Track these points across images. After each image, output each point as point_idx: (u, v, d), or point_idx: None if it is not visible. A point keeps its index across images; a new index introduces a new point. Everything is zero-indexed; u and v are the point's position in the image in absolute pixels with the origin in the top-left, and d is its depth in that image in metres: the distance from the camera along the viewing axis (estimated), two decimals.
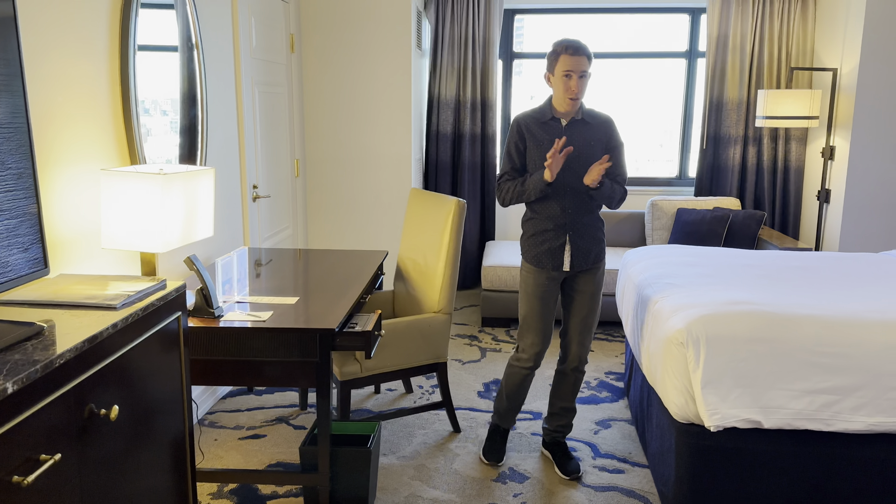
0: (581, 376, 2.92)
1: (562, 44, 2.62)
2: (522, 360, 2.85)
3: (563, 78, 2.62)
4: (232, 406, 3.45)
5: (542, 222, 2.74)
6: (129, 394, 1.58)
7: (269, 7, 4.08)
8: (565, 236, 2.72)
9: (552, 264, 2.74)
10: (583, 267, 2.76)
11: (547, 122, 2.71)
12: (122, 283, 1.77)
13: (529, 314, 2.80)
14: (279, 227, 4.34)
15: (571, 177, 2.68)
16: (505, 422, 2.99)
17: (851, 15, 4.55)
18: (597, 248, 2.77)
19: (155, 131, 2.76)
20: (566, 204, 2.70)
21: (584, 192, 2.69)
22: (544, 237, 2.74)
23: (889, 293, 2.76)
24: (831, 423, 2.31)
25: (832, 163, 4.79)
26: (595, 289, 2.80)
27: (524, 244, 2.82)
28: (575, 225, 2.72)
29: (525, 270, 2.81)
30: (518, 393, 2.91)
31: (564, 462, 2.88)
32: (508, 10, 5.45)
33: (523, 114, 2.77)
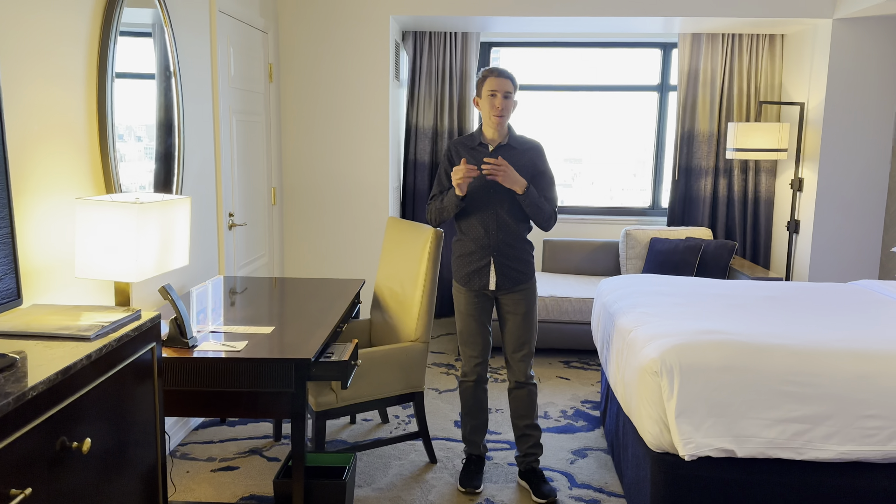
0: (533, 388, 2.97)
1: (488, 68, 2.80)
2: (466, 374, 2.99)
3: (489, 97, 2.76)
4: (204, 437, 3.40)
5: (468, 244, 2.87)
6: (101, 426, 1.55)
7: (248, 37, 4.11)
8: (490, 257, 2.83)
9: (478, 284, 2.86)
10: (508, 287, 2.86)
11: (475, 147, 2.85)
12: (95, 313, 1.76)
13: (464, 331, 2.94)
14: (255, 256, 4.32)
15: (496, 200, 2.79)
16: (473, 447, 3.05)
17: (817, 51, 4.70)
18: (522, 269, 2.86)
19: (129, 157, 2.75)
20: (490, 226, 2.81)
21: (510, 213, 2.80)
22: (470, 258, 2.87)
23: (858, 323, 2.82)
24: (803, 451, 2.34)
25: (801, 194, 4.90)
26: (526, 309, 2.89)
27: (453, 264, 2.95)
28: (499, 246, 2.82)
29: (455, 290, 2.96)
30: (474, 408, 3.01)
31: (539, 486, 2.90)
32: (485, 42, 5.55)
33: (456, 139, 2.92)
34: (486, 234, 2.82)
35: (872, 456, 2.35)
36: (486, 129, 2.83)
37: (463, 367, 3.00)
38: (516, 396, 2.99)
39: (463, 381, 3.01)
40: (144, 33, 2.87)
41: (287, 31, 4.71)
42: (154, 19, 2.93)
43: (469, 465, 3.03)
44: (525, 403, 2.97)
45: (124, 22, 2.66)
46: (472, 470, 3.00)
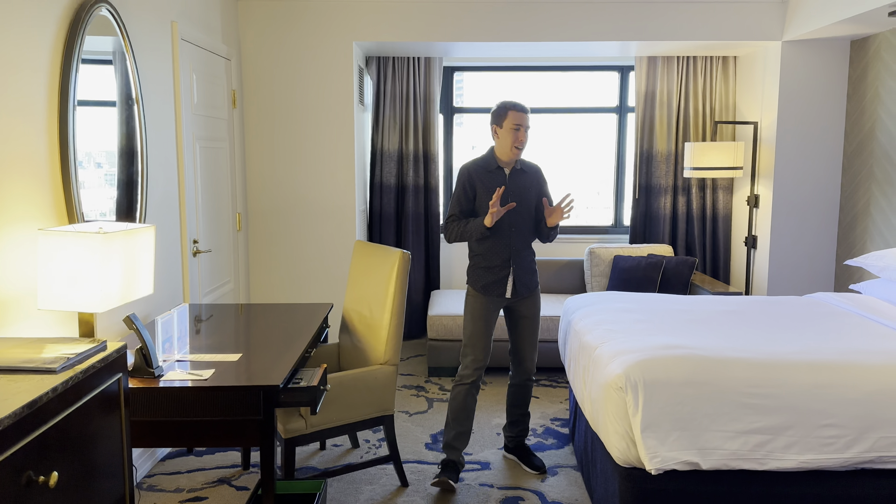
0: (532, 384, 3.38)
1: (510, 102, 3.12)
2: (465, 375, 3.19)
3: (513, 130, 3.09)
4: (171, 468, 3.34)
5: (490, 256, 3.17)
6: (68, 459, 1.53)
7: (211, 64, 4.12)
8: (510, 268, 3.17)
9: (497, 292, 3.18)
10: (523, 294, 3.22)
11: (493, 171, 3.16)
12: (60, 345, 1.74)
13: (474, 334, 3.19)
14: (220, 282, 4.29)
15: (515, 218, 3.14)
16: (453, 453, 3.19)
17: (768, 72, 4.87)
18: (533, 278, 3.26)
19: (89, 184, 2.72)
20: (511, 241, 3.15)
21: (525, 232, 3.18)
22: (492, 270, 3.17)
23: (814, 335, 2.91)
24: (765, 462, 2.40)
25: (757, 210, 5.04)
26: (535, 312, 3.28)
27: (472, 274, 3.23)
28: (517, 259, 3.18)
29: (471, 296, 3.22)
30: (462, 413, 3.19)
31: (531, 459, 3.33)
32: (448, 67, 5.63)
33: (471, 163, 3.20)
34: (508, 248, 3.15)
35: (832, 464, 2.42)
36: (501, 155, 3.15)
37: (463, 369, 3.20)
38: (519, 391, 3.36)
39: (458, 384, 3.20)
40: (105, 61, 2.87)
41: (250, 58, 4.72)
42: (115, 47, 2.93)
43: (446, 468, 3.16)
44: (525, 396, 3.37)
45: (85, 50, 2.65)
46: (447, 471, 3.15)
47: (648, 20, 4.69)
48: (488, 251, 3.15)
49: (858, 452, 2.41)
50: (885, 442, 2.41)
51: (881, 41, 4.36)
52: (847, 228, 4.75)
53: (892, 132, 4.25)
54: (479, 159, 3.20)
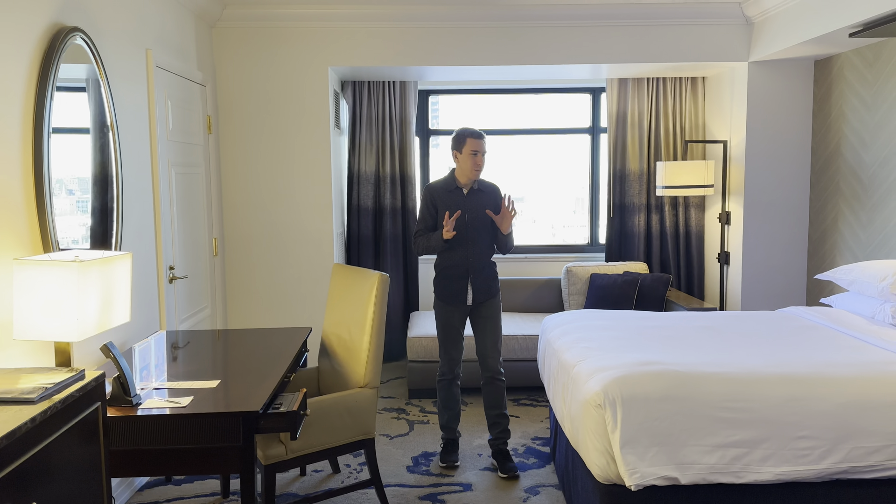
0: (502, 384, 3.61)
1: (468, 130, 3.48)
2: (444, 373, 3.63)
3: (471, 156, 3.44)
4: (149, 498, 3.29)
5: (450, 268, 3.52)
6: (46, 489, 1.52)
7: (186, 90, 4.13)
8: (468, 278, 3.51)
9: (458, 299, 3.53)
10: (481, 300, 3.55)
11: (452, 190, 3.52)
12: (38, 374, 1.73)
13: (446, 339, 3.59)
14: (197, 308, 4.26)
15: (472, 232, 3.48)
16: (450, 433, 3.68)
17: (735, 93, 4.99)
18: (492, 286, 3.58)
19: (61, 211, 2.70)
20: (468, 253, 3.50)
21: (482, 244, 3.51)
22: (452, 279, 3.52)
23: (786, 348, 2.97)
24: (742, 475, 2.44)
25: (729, 227, 5.14)
26: (493, 313, 3.58)
27: (437, 284, 3.58)
28: (474, 268, 3.51)
29: (437, 306, 3.60)
30: (450, 400, 3.65)
31: (504, 463, 3.51)
32: (423, 90, 5.68)
33: (434, 184, 3.58)
34: (464, 259, 3.49)
35: (807, 475, 2.46)
36: (461, 177, 3.51)
37: (442, 367, 3.63)
38: (489, 390, 3.61)
39: (441, 379, 3.64)
40: (80, 88, 2.87)
41: (225, 84, 4.73)
42: (90, 74, 2.93)
43: (447, 446, 3.65)
44: (496, 395, 3.60)
45: (60, 77, 2.65)
46: (450, 449, 3.64)
47: (618, 44, 4.80)
48: (449, 264, 3.52)
49: (833, 463, 2.45)
50: (859, 452, 2.46)
51: (843, 61, 4.50)
52: (817, 243, 4.86)
53: (857, 149, 4.37)
54: (440, 180, 3.57)
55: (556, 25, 4.76)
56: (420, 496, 3.28)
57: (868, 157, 4.27)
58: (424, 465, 3.63)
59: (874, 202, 4.21)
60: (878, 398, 2.49)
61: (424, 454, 3.77)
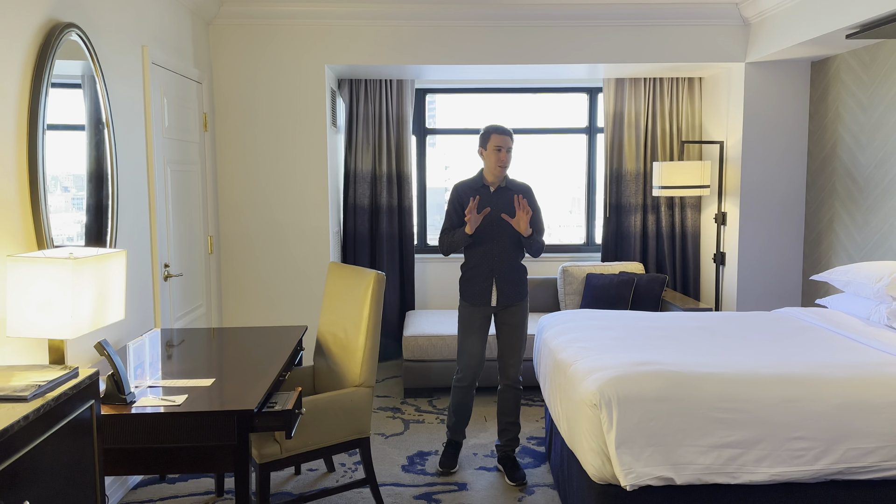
0: (519, 393, 3.51)
1: (493, 126, 3.40)
2: (461, 379, 3.49)
3: (495, 151, 3.36)
4: (143, 496, 3.28)
5: (474, 268, 3.42)
6: (40, 487, 1.51)
7: (182, 88, 4.11)
8: (492, 278, 3.39)
9: (482, 300, 3.41)
10: (506, 303, 3.42)
11: (479, 189, 3.43)
12: (31, 372, 1.72)
13: (465, 341, 3.46)
14: (192, 306, 4.25)
15: (497, 232, 3.37)
16: (456, 435, 3.58)
17: (732, 94, 5.00)
18: (518, 289, 3.44)
19: (56, 208, 2.69)
20: (493, 253, 3.38)
21: (508, 243, 3.38)
22: (476, 280, 3.42)
23: (782, 349, 2.97)
24: (737, 475, 2.44)
25: (725, 227, 5.14)
26: (519, 321, 3.45)
27: (461, 285, 3.48)
28: (500, 270, 3.39)
29: (461, 307, 3.47)
30: (463, 407, 3.54)
31: (512, 472, 3.41)
32: (420, 89, 5.68)
33: (461, 183, 3.50)
34: (490, 260, 3.38)
35: (802, 476, 2.46)
36: (487, 175, 3.43)
37: (457, 373, 3.50)
38: (504, 397, 3.52)
39: (458, 385, 3.51)
40: (75, 84, 2.86)
41: (221, 81, 4.72)
42: (85, 71, 2.92)
43: (448, 448, 3.57)
44: (511, 403, 3.51)
45: (55, 74, 2.64)
46: (451, 453, 3.55)
47: (615, 43, 4.80)
48: (474, 263, 3.42)
49: (828, 464, 2.46)
50: (854, 453, 2.46)
51: (840, 62, 4.51)
52: (812, 244, 4.87)
53: (853, 150, 4.38)
54: (469, 179, 3.50)
55: (554, 25, 4.76)
56: (415, 496, 3.28)
57: (864, 159, 4.28)
58: (420, 464, 3.62)
59: (870, 203, 4.22)
60: (874, 399, 2.49)
61: (420, 453, 3.76)
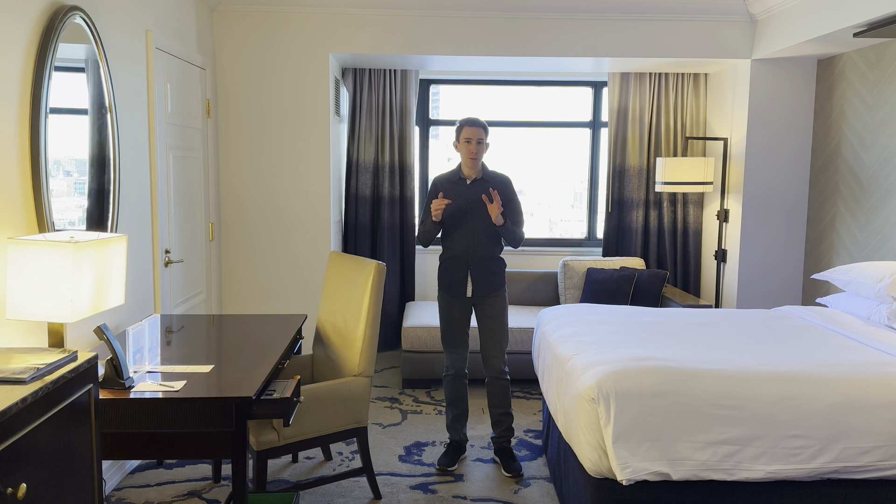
0: (506, 384, 3.53)
1: (464, 119, 3.47)
2: (447, 368, 3.55)
3: (465, 143, 3.42)
4: (141, 481, 3.29)
5: (450, 258, 3.47)
6: (37, 470, 1.51)
7: (185, 73, 4.10)
8: (467, 270, 3.44)
9: (458, 291, 3.46)
10: (482, 294, 3.46)
11: (456, 181, 3.49)
12: (30, 355, 1.72)
13: (446, 331, 3.53)
14: (193, 293, 4.25)
15: (472, 223, 3.42)
16: (455, 433, 3.57)
17: (738, 90, 4.98)
18: (493, 280, 3.47)
19: (58, 192, 2.69)
20: (468, 245, 3.43)
21: (483, 235, 3.42)
22: (451, 270, 3.47)
23: (781, 347, 2.97)
24: (733, 472, 2.44)
25: (727, 225, 5.13)
26: (497, 311, 3.48)
27: (439, 275, 3.53)
28: (474, 260, 3.43)
29: (440, 297, 3.54)
30: (457, 399, 3.55)
31: (508, 463, 3.44)
32: (424, 80, 5.66)
33: (440, 176, 3.56)
34: (464, 251, 3.43)
35: (798, 474, 2.46)
36: (463, 167, 3.48)
37: (446, 362, 3.56)
38: (492, 389, 3.54)
39: (446, 375, 3.57)
40: (78, 68, 2.85)
41: (225, 68, 4.71)
42: (88, 55, 2.91)
43: (449, 448, 3.55)
44: (499, 395, 3.53)
45: (59, 57, 2.63)
46: (451, 452, 3.52)
47: (621, 37, 4.78)
48: (450, 254, 3.47)
49: (824, 463, 2.46)
50: (850, 452, 2.46)
51: (846, 61, 4.49)
52: (814, 243, 4.86)
53: (857, 150, 4.36)
54: (447, 172, 3.56)
55: (560, 17, 4.74)
56: (411, 486, 3.29)
57: (868, 158, 4.26)
58: (416, 454, 3.63)
59: (872, 203, 4.21)
60: (872, 399, 2.49)
61: (417, 444, 3.77)
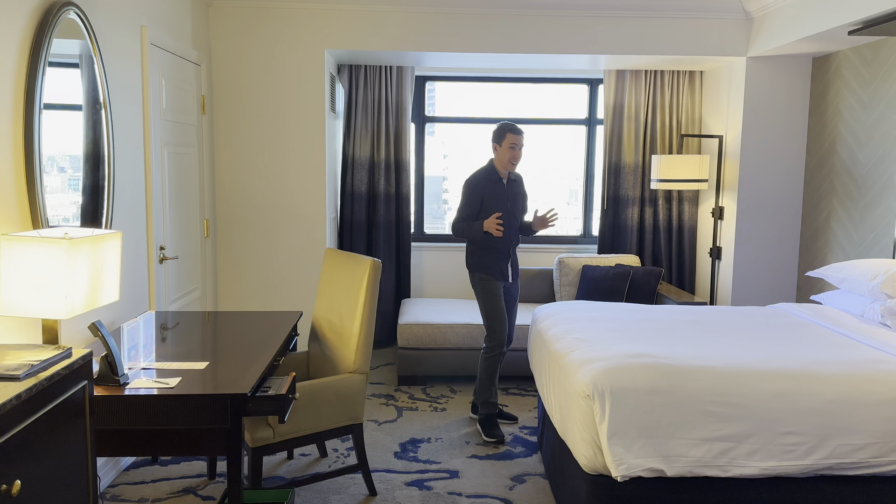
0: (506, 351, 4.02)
1: (509, 125, 3.82)
2: (494, 347, 3.88)
3: (510, 148, 3.80)
4: (136, 478, 3.29)
5: (495, 248, 3.86)
6: (31, 467, 1.51)
7: (181, 69, 4.08)
8: (509, 258, 3.91)
9: (503, 276, 3.89)
10: (514, 277, 3.99)
11: (494, 181, 3.87)
12: (24, 351, 1.71)
13: (497, 310, 3.87)
14: (187, 289, 4.24)
15: (512, 220, 3.88)
16: (494, 407, 3.89)
17: (733, 88, 4.99)
18: (518, 266, 4.05)
19: (52, 189, 2.67)
20: (511, 238, 3.88)
21: (517, 230, 3.94)
22: (497, 258, 3.87)
23: (776, 344, 2.98)
24: (728, 469, 2.45)
25: (722, 222, 5.14)
26: (517, 292, 4.08)
27: (484, 263, 3.87)
28: (513, 251, 3.94)
29: (486, 281, 3.87)
30: (496, 374, 3.93)
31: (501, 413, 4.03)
32: (420, 77, 5.65)
33: (477, 176, 3.88)
34: (508, 242, 3.87)
35: (792, 471, 2.47)
36: (499, 167, 3.86)
37: (491, 341, 3.88)
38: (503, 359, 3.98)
39: (492, 355, 3.89)
40: (73, 64, 2.83)
41: (220, 64, 4.69)
42: (83, 50, 2.89)
43: (489, 421, 3.84)
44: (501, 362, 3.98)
45: (53, 53, 2.62)
46: (495, 423, 3.84)
47: (617, 35, 4.78)
48: (496, 245, 3.84)
49: (818, 459, 2.47)
50: (844, 449, 2.47)
51: (841, 59, 4.50)
52: (809, 241, 4.87)
53: (852, 147, 4.38)
54: (481, 171, 3.89)
55: (556, 14, 4.74)
56: (407, 482, 3.29)
57: (863, 156, 4.28)
58: (412, 451, 3.64)
59: (867, 201, 4.22)
60: (865, 396, 2.50)
61: (412, 440, 3.77)
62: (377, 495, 3.16)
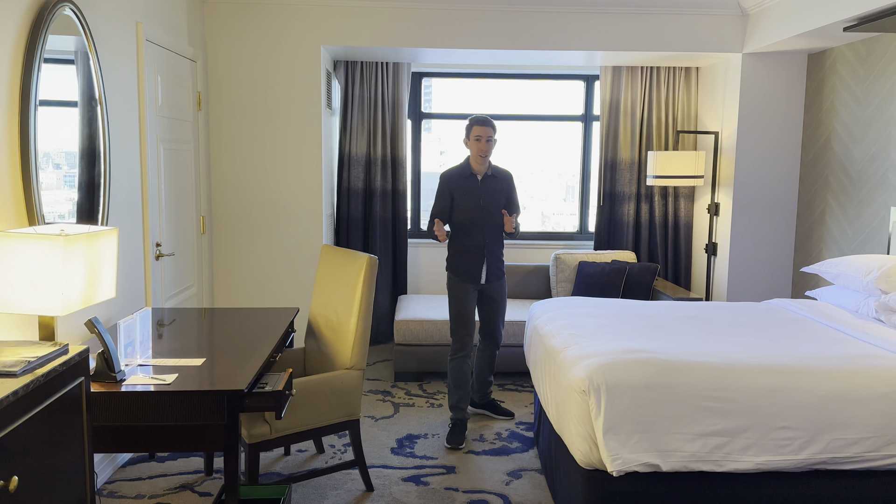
0: (496, 350, 4.01)
1: (474, 117, 3.69)
2: (459, 349, 3.77)
3: (475, 141, 3.65)
4: (133, 474, 3.29)
5: (468, 248, 3.73)
6: (29, 463, 1.51)
7: (176, 66, 4.08)
8: (483, 258, 3.73)
9: (474, 278, 3.74)
10: (493, 280, 3.79)
11: (467, 177, 3.73)
12: (21, 348, 1.71)
13: (462, 314, 3.75)
14: (184, 286, 4.24)
15: (487, 217, 3.71)
16: (459, 413, 3.76)
17: (729, 84, 5.00)
18: (500, 267, 3.83)
19: (48, 185, 2.67)
20: (484, 235, 3.71)
21: (496, 228, 3.74)
22: (468, 259, 3.73)
23: (771, 339, 3.00)
24: (723, 464, 2.46)
25: (717, 218, 5.16)
26: (502, 295, 3.88)
27: (453, 263, 3.76)
28: (489, 250, 3.74)
29: (453, 282, 3.77)
30: (461, 379, 3.78)
31: (497, 407, 4.06)
32: (416, 73, 5.65)
33: (449, 171, 3.78)
34: (482, 241, 3.72)
35: (787, 465, 2.49)
36: (473, 163, 3.73)
37: (455, 344, 3.78)
38: (485, 357, 3.99)
39: (454, 358, 3.78)
40: (68, 60, 2.83)
41: (216, 60, 4.68)
42: (78, 47, 2.89)
43: (455, 427, 3.72)
44: (493, 362, 4.01)
45: (48, 49, 2.61)
46: (458, 430, 3.71)
47: (613, 31, 4.78)
48: (467, 244, 3.72)
49: (812, 454, 2.48)
50: (838, 444, 2.49)
51: (836, 55, 4.51)
52: (804, 237, 4.89)
53: (847, 144, 4.39)
54: (456, 167, 3.77)
55: (552, 10, 4.74)
56: (403, 478, 3.30)
57: (857, 152, 4.29)
58: (409, 447, 3.65)
59: (862, 197, 4.24)
60: (860, 391, 2.52)
61: (409, 436, 3.78)
62: (374, 491, 3.17)
